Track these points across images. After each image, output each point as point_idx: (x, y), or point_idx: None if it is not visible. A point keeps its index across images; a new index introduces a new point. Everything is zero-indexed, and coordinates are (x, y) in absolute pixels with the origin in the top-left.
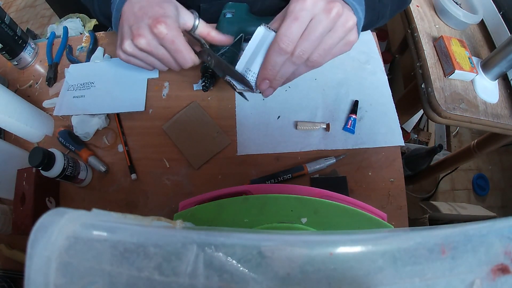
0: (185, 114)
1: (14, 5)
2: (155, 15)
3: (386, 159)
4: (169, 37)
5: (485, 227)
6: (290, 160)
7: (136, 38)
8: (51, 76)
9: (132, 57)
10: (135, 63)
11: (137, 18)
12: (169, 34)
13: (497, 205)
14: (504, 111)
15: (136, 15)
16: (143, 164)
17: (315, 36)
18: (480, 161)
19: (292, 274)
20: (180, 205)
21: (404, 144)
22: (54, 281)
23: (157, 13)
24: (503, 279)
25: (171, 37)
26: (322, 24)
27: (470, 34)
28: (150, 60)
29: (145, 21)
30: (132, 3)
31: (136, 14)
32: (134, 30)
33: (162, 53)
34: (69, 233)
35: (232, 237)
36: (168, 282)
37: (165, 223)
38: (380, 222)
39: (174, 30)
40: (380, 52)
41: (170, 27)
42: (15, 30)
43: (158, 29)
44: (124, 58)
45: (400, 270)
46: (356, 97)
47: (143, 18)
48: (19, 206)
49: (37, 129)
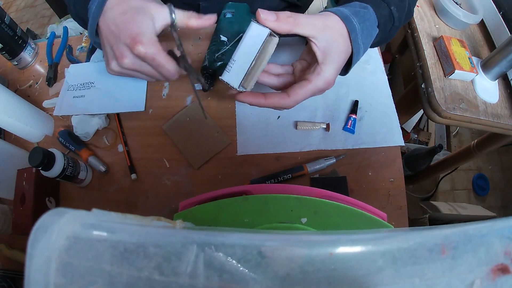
0: (185, 114)
1: (14, 5)
2: (130, 35)
3: (386, 159)
4: (148, 55)
5: (485, 227)
6: (290, 160)
7: (120, 59)
8: (51, 76)
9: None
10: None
11: (116, 38)
12: (148, 53)
13: (497, 205)
14: (504, 111)
15: (114, 34)
16: (143, 164)
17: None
18: (480, 161)
19: (292, 274)
20: (180, 205)
21: (404, 144)
22: (54, 281)
23: (132, 32)
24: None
25: (151, 54)
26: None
27: (470, 34)
28: (139, 75)
29: (123, 41)
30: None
31: (114, 33)
32: (116, 52)
33: (148, 70)
34: (69, 233)
35: (232, 237)
36: (168, 282)
37: (165, 223)
38: (380, 222)
39: (152, 47)
40: (380, 52)
41: (147, 45)
42: (15, 30)
43: (136, 50)
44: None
45: (400, 270)
46: (356, 97)
47: (120, 37)
48: (19, 206)
49: (37, 129)
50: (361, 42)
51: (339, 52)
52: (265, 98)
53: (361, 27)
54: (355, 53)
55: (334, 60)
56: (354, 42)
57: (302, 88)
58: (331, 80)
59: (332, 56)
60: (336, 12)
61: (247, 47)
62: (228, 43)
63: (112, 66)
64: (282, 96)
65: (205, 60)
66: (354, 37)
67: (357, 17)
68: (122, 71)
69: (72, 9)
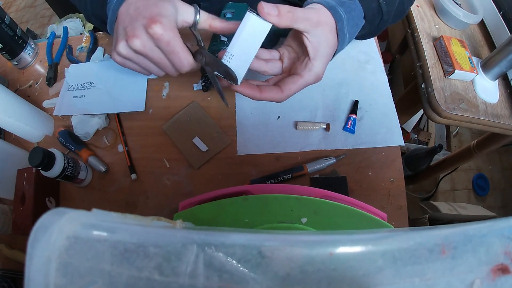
0: (185, 114)
1: (14, 5)
2: (150, 15)
3: (386, 159)
4: (165, 37)
5: (485, 227)
6: (290, 160)
7: (131, 39)
8: (51, 76)
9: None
10: (131, 66)
11: (132, 19)
12: (165, 35)
13: (497, 205)
14: (504, 111)
15: (131, 16)
16: (143, 164)
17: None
18: (480, 161)
19: (292, 274)
20: (180, 205)
21: (404, 144)
22: (54, 281)
23: (153, 12)
24: (503, 279)
25: (167, 38)
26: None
27: (470, 34)
28: (145, 64)
29: (140, 21)
30: (128, 4)
31: (132, 15)
32: (129, 31)
33: (158, 56)
34: (69, 233)
35: (232, 237)
36: (168, 282)
37: (165, 223)
38: (380, 222)
39: (170, 31)
40: (380, 52)
41: (166, 27)
42: (15, 30)
43: (153, 29)
44: (120, 61)
45: (400, 270)
46: (356, 97)
47: (137, 18)
48: (19, 206)
49: (37, 129)
50: (347, 32)
51: (328, 47)
52: (261, 91)
53: (347, 17)
54: (340, 42)
55: (323, 55)
56: (340, 31)
57: (295, 84)
58: (321, 75)
59: (322, 51)
60: (322, 3)
61: (247, 40)
62: (228, 43)
63: (119, 47)
64: (276, 91)
65: None
66: (340, 27)
67: (343, 7)
68: (129, 54)
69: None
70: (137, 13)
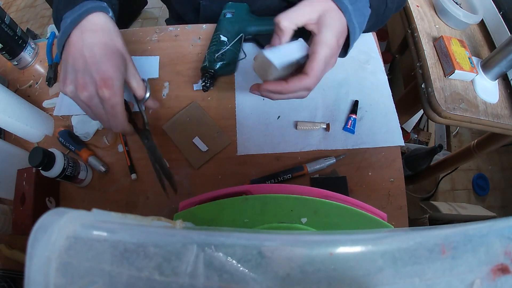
0: (185, 114)
1: (14, 5)
2: (104, 76)
3: (386, 159)
4: (111, 102)
5: (485, 227)
6: (290, 160)
7: (80, 89)
8: (51, 76)
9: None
10: (76, 103)
11: (86, 67)
12: (112, 99)
13: (497, 205)
14: (504, 111)
15: (86, 62)
16: (143, 164)
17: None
18: (480, 161)
19: (292, 274)
20: (180, 205)
21: (404, 144)
22: (54, 281)
23: (107, 73)
24: (503, 279)
25: (113, 102)
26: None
27: (470, 34)
28: (87, 111)
29: (93, 74)
30: (84, 39)
31: (86, 61)
32: (80, 80)
33: (100, 112)
34: (69, 233)
35: (232, 237)
36: (168, 282)
37: (165, 223)
38: (380, 222)
39: (117, 96)
40: (380, 52)
41: (114, 93)
42: (15, 30)
43: (103, 93)
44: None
45: (400, 270)
46: (356, 97)
47: (91, 70)
48: (19, 206)
49: (37, 129)
50: (355, 21)
51: (331, 19)
52: (287, 82)
53: (352, 8)
54: (351, 33)
55: (328, 25)
56: (349, 22)
57: (314, 62)
58: (333, 44)
59: (326, 23)
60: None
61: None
62: (228, 43)
63: (68, 89)
64: (301, 77)
65: (205, 61)
66: (348, 17)
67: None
68: (75, 98)
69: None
70: (92, 62)
